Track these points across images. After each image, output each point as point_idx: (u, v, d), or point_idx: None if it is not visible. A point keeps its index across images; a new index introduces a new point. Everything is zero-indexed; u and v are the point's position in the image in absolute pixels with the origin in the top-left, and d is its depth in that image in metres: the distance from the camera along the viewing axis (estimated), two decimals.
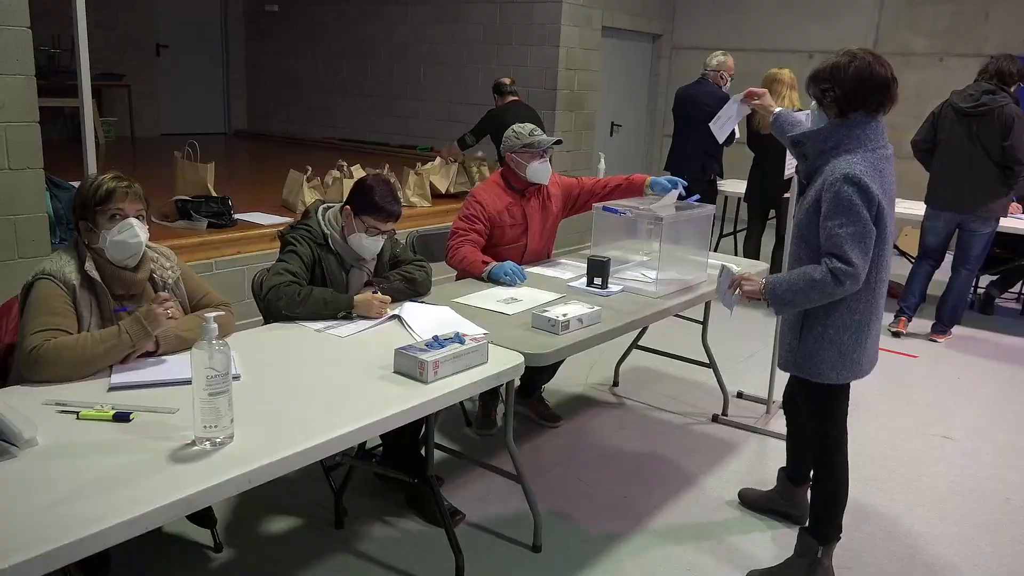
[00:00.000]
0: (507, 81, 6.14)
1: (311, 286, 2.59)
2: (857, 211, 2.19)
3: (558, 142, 3.44)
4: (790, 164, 4.38)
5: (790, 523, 2.87)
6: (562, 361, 3.24)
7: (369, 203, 2.66)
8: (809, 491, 2.60)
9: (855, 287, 2.23)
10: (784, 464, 2.94)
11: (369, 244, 2.71)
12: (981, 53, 7.14)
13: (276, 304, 2.52)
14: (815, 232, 2.29)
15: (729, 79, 5.73)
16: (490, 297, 2.94)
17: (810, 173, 2.36)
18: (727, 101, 5.67)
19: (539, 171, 3.37)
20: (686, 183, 3.39)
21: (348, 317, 2.57)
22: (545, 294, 2.99)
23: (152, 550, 2.56)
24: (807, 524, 2.58)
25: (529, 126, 3.41)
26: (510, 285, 3.09)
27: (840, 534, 2.53)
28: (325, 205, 2.83)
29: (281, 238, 2.74)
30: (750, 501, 2.99)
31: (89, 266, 2.14)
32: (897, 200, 7.23)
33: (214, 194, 4.81)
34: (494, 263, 3.18)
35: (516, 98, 6.09)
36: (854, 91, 2.23)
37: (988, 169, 4.76)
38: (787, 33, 8.31)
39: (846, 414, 2.50)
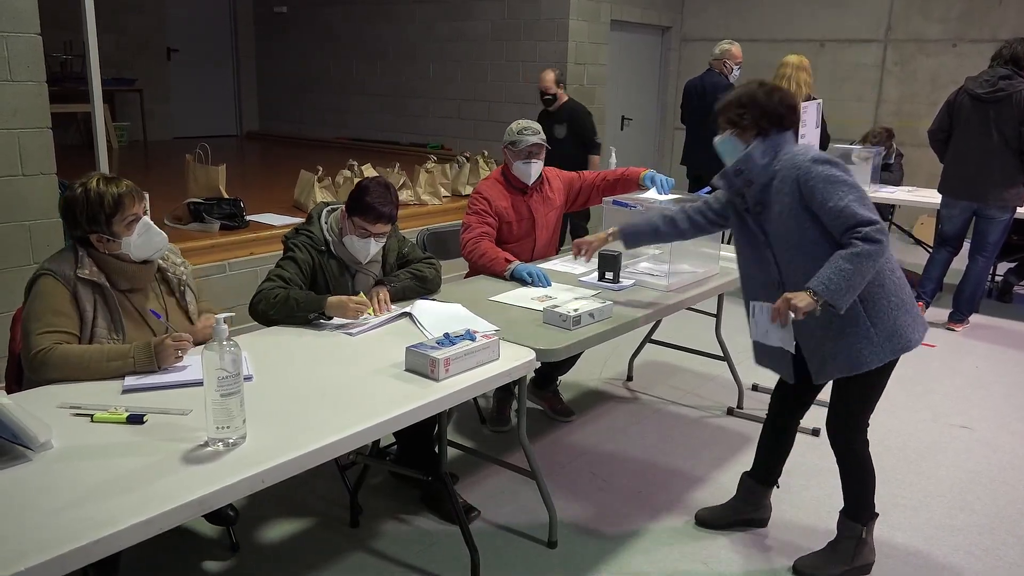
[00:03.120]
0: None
1: (288, 289, 2.54)
2: (844, 179, 2.23)
3: (540, 144, 3.33)
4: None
5: (755, 528, 2.79)
6: (581, 353, 3.23)
7: (359, 204, 2.63)
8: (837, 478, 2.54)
9: (887, 239, 2.20)
10: (749, 469, 2.81)
11: (359, 246, 2.67)
12: (996, 38, 7.04)
13: (258, 308, 2.52)
14: (812, 233, 2.25)
15: (735, 67, 5.68)
16: (524, 296, 2.93)
17: (760, 194, 2.35)
18: (732, 90, 5.64)
19: (522, 171, 3.35)
20: (674, 183, 3.38)
21: (323, 318, 2.53)
22: (576, 290, 2.98)
23: (168, 548, 2.58)
24: (845, 509, 2.54)
25: (522, 123, 3.37)
26: (533, 287, 3.04)
27: (876, 511, 2.54)
28: (329, 208, 2.80)
29: (284, 243, 2.74)
30: (708, 520, 2.79)
31: (83, 270, 2.15)
32: (913, 188, 7.16)
33: (226, 196, 4.84)
34: (517, 262, 3.16)
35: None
36: (774, 110, 2.34)
37: (1005, 157, 4.70)
38: (798, 22, 8.24)
39: None
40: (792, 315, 2.19)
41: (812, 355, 2.38)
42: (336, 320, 2.53)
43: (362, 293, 2.65)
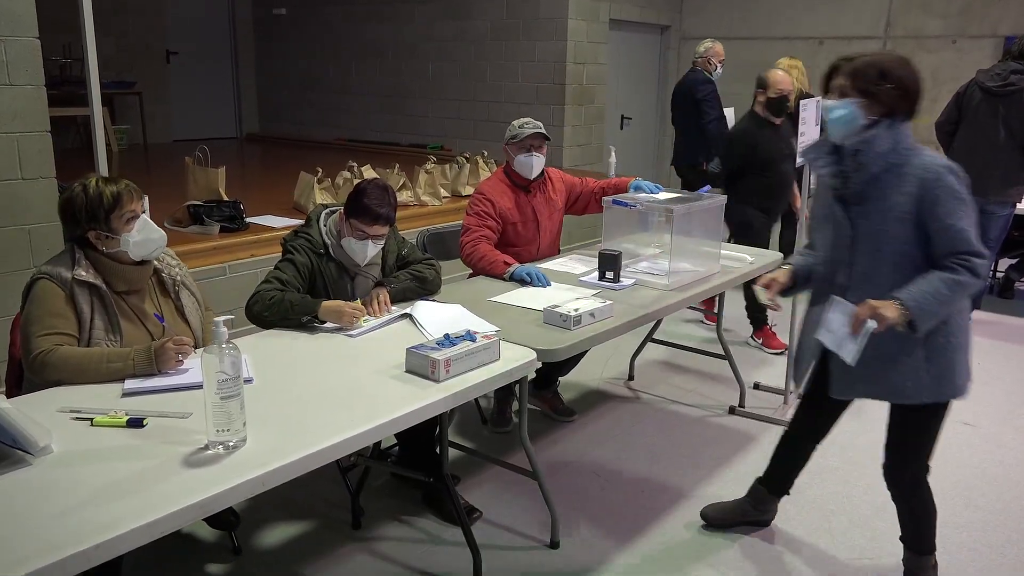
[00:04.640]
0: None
1: (284, 291, 2.53)
2: (968, 201, 2.07)
3: (540, 135, 3.34)
4: (802, 151, 4.33)
5: (758, 527, 2.78)
6: (583, 354, 3.22)
7: (356, 206, 2.62)
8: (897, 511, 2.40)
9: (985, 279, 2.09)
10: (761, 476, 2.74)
11: (357, 248, 2.66)
12: (996, 34, 7.04)
13: (253, 309, 2.51)
14: (905, 241, 2.08)
15: (719, 65, 5.68)
16: (524, 296, 2.92)
17: (866, 184, 2.13)
18: (712, 86, 5.59)
19: (524, 164, 3.35)
20: (662, 188, 3.40)
21: (316, 321, 2.50)
22: (576, 290, 2.98)
23: (170, 553, 2.57)
24: (909, 544, 2.39)
25: (523, 119, 3.39)
26: (533, 287, 3.04)
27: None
28: (328, 210, 2.79)
29: (282, 246, 2.73)
30: (713, 518, 2.78)
31: (80, 272, 2.15)
32: None
33: (226, 198, 4.83)
34: (517, 264, 3.15)
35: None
36: (915, 93, 2.11)
37: (1010, 153, 4.68)
38: (797, 20, 8.23)
39: None
40: (874, 324, 2.01)
41: (841, 368, 2.19)
42: (331, 323, 2.51)
43: (360, 300, 2.64)
